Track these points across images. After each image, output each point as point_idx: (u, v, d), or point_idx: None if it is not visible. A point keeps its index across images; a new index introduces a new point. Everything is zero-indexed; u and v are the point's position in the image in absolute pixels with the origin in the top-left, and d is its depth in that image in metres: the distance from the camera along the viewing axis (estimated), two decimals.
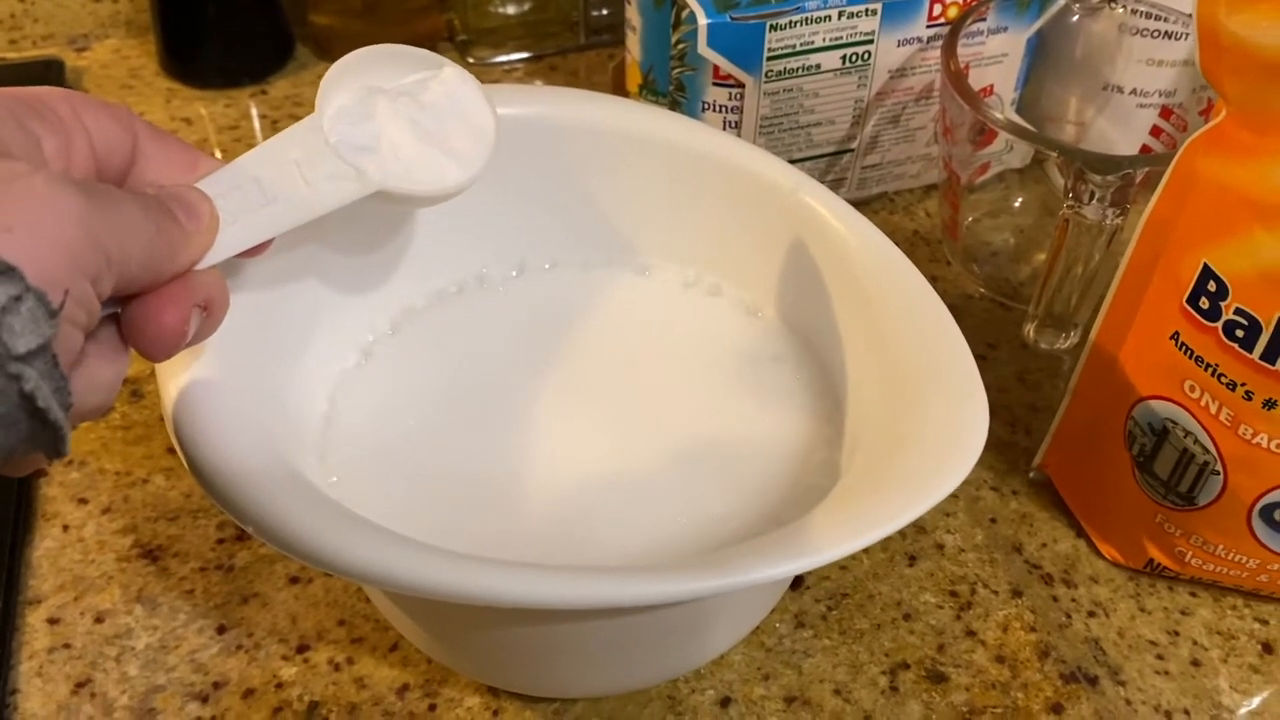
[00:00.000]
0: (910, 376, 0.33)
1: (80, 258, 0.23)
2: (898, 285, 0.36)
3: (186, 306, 0.28)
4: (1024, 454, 0.46)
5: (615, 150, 0.41)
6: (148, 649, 0.39)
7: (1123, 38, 0.52)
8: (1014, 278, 0.54)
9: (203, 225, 0.28)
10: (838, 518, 0.30)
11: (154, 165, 0.29)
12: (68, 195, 0.23)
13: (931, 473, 0.30)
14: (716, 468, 0.36)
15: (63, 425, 0.22)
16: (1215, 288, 0.34)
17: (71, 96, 0.27)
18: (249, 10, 0.64)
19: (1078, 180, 0.42)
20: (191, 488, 0.43)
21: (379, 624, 0.39)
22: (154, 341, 0.27)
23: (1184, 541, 0.39)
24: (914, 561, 0.42)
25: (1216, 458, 0.37)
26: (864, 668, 0.39)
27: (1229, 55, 0.32)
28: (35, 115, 0.25)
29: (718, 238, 0.42)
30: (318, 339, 0.38)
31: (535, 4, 0.66)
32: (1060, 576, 0.42)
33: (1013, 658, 0.39)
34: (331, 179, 0.31)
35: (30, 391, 0.21)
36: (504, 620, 0.32)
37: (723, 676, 0.38)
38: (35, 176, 0.23)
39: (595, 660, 0.35)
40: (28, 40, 0.67)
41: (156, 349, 0.27)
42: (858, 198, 0.58)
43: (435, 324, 0.41)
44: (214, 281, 0.29)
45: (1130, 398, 0.39)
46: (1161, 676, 0.39)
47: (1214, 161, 0.34)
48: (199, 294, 0.28)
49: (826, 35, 0.50)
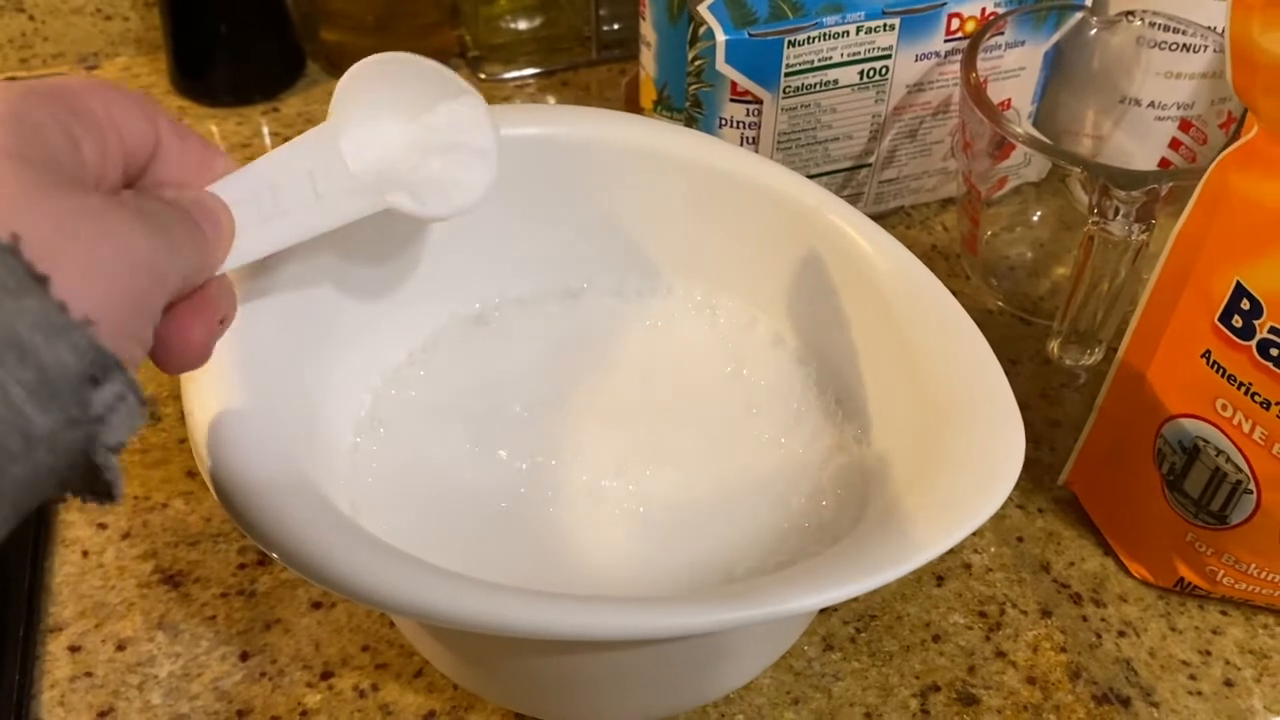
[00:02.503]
0: (943, 399, 0.33)
1: (148, 301, 0.22)
2: (928, 306, 0.35)
3: (212, 320, 0.27)
4: (1048, 470, 0.46)
5: (636, 169, 0.41)
6: (170, 677, 0.38)
7: (1140, 50, 0.51)
8: (1033, 292, 0.54)
9: (224, 236, 0.28)
10: (873, 544, 0.29)
11: (172, 161, 0.27)
12: (135, 234, 0.22)
13: (968, 498, 0.29)
14: (745, 494, 0.36)
15: (119, 483, 0.22)
16: (1249, 306, 0.34)
17: (103, 91, 0.26)
18: (260, 27, 0.64)
19: (1102, 196, 0.41)
20: (212, 512, 0.43)
21: (404, 649, 0.39)
22: (182, 357, 0.27)
23: (1215, 560, 0.39)
24: (942, 582, 0.42)
25: (1250, 477, 0.36)
26: (894, 690, 0.38)
27: (1263, 73, 0.32)
28: (74, 116, 0.24)
29: (740, 256, 0.41)
30: (343, 362, 0.37)
31: (546, 19, 0.66)
32: (1089, 596, 0.42)
33: (1044, 679, 0.39)
34: (342, 193, 0.31)
35: (101, 464, 0.21)
36: (532, 649, 0.32)
37: (752, 701, 0.38)
38: (107, 213, 0.22)
39: (625, 688, 0.34)
40: (38, 59, 0.66)
41: (184, 364, 0.27)
42: (875, 212, 0.58)
43: (459, 348, 0.40)
44: (228, 291, 0.29)
45: (1160, 416, 0.39)
46: (1194, 697, 0.39)
47: (1247, 178, 0.34)
48: (221, 307, 0.28)
49: (844, 51, 0.50)
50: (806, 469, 0.37)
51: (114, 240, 0.21)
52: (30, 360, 0.19)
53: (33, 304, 0.19)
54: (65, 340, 0.19)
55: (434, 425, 0.38)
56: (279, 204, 0.30)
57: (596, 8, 0.65)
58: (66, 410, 0.19)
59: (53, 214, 0.20)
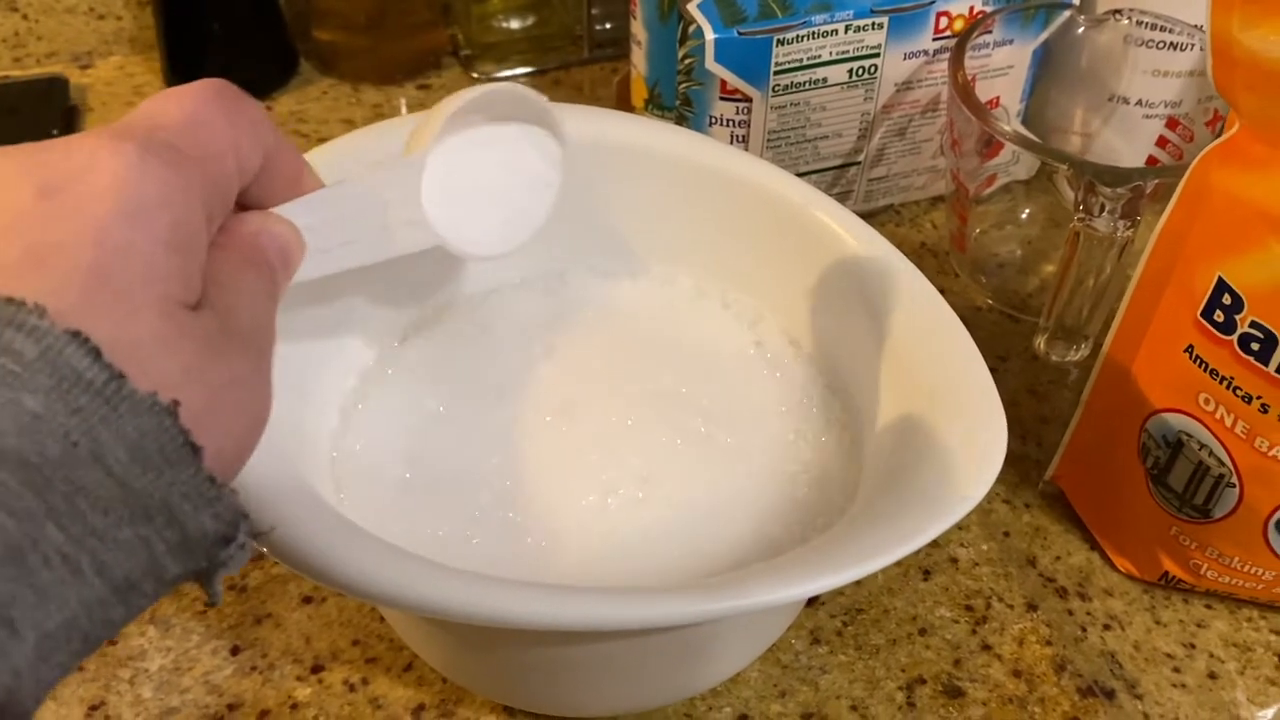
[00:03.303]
0: (927, 393, 0.33)
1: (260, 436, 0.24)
2: (912, 301, 0.36)
3: None
4: (1035, 466, 0.46)
5: (626, 166, 0.41)
6: (161, 670, 0.38)
7: (1128, 49, 0.52)
8: (1022, 289, 0.54)
9: (292, 272, 0.27)
10: (857, 536, 0.30)
11: (269, 180, 0.26)
12: (260, 391, 0.23)
13: (952, 490, 0.30)
14: (731, 485, 0.36)
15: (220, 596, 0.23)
16: (1230, 301, 0.34)
17: (229, 132, 0.24)
18: (253, 27, 0.64)
19: (1088, 192, 0.42)
20: None
21: (393, 644, 0.39)
22: None
23: (1199, 554, 0.39)
24: (928, 576, 0.42)
25: (1232, 470, 0.37)
26: (880, 683, 0.39)
27: (1243, 69, 0.32)
28: (215, 190, 0.23)
29: (729, 250, 0.41)
30: (326, 352, 0.38)
31: (539, 18, 0.66)
32: (1075, 590, 0.42)
33: (1029, 672, 0.39)
34: (408, 226, 0.30)
35: (211, 590, 0.22)
36: (520, 640, 0.32)
37: (739, 694, 0.38)
38: (244, 377, 0.23)
39: (612, 680, 0.35)
40: (31, 58, 0.67)
41: None
42: (864, 210, 0.58)
43: (445, 337, 0.41)
44: None
45: (1144, 410, 0.39)
46: (1179, 689, 0.39)
47: (1228, 174, 0.34)
48: None
49: (833, 49, 0.50)
50: (791, 461, 0.37)
51: (248, 410, 0.23)
52: (176, 525, 0.20)
53: (186, 475, 0.20)
54: (210, 510, 0.21)
55: (418, 417, 0.38)
56: (348, 233, 0.29)
57: (588, 7, 0.66)
58: (199, 562, 0.21)
59: (207, 387, 0.21)
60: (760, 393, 0.39)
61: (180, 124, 0.23)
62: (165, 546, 0.20)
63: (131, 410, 0.19)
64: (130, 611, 0.20)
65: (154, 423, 0.19)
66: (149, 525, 0.20)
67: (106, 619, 0.19)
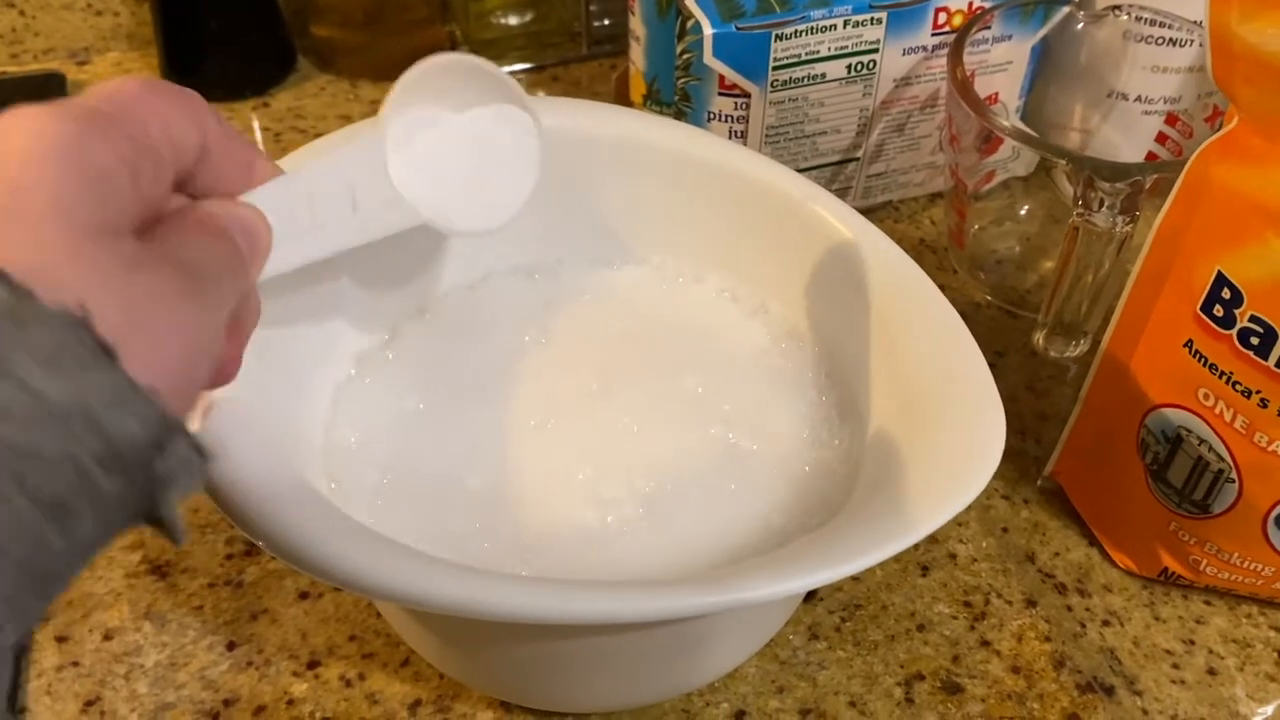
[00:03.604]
0: (925, 388, 0.33)
1: (203, 362, 0.23)
2: (911, 296, 0.36)
3: (245, 339, 0.27)
4: (1034, 462, 0.46)
5: (624, 161, 0.41)
6: (157, 666, 0.38)
7: (1127, 45, 0.52)
8: (1020, 285, 0.54)
9: (261, 254, 0.27)
10: (855, 530, 0.29)
11: (215, 166, 0.26)
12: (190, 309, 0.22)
13: (950, 484, 0.30)
14: (729, 480, 0.36)
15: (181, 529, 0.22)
16: (1229, 295, 0.34)
17: (159, 104, 0.24)
18: (251, 23, 0.64)
19: (1087, 188, 0.42)
20: (199, 503, 0.43)
21: (390, 639, 0.39)
22: (220, 379, 0.27)
23: (1199, 550, 0.39)
24: (927, 572, 0.42)
25: (1231, 466, 0.37)
26: (879, 679, 0.39)
27: (1241, 62, 0.32)
28: (135, 147, 0.23)
29: (728, 244, 0.41)
30: (319, 346, 0.37)
31: (537, 14, 0.66)
32: (1074, 586, 0.42)
33: (1028, 668, 0.39)
34: (380, 208, 0.30)
35: (165, 517, 0.21)
36: (517, 634, 0.32)
37: (737, 690, 0.38)
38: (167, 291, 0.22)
39: (609, 675, 0.35)
40: (28, 54, 0.66)
41: (220, 383, 0.28)
42: (863, 206, 0.58)
43: (437, 330, 0.40)
44: (256, 304, 0.28)
45: (1143, 406, 0.39)
46: (1178, 686, 0.39)
47: (1227, 169, 0.34)
48: (252, 321, 0.28)
49: (832, 44, 0.50)
50: (790, 455, 0.37)
51: (175, 321, 0.22)
52: (97, 429, 0.19)
53: (101, 377, 0.20)
54: (132, 412, 0.20)
55: (412, 409, 0.38)
56: (316, 217, 0.29)
57: (587, 3, 0.66)
58: (132, 475, 0.20)
59: (126, 296, 0.21)
60: (759, 383, 0.39)
61: (102, 95, 0.24)
62: (91, 457, 0.19)
63: (40, 323, 0.19)
64: (71, 541, 0.19)
65: (66, 332, 0.19)
66: (69, 433, 0.19)
67: (40, 542, 0.19)
